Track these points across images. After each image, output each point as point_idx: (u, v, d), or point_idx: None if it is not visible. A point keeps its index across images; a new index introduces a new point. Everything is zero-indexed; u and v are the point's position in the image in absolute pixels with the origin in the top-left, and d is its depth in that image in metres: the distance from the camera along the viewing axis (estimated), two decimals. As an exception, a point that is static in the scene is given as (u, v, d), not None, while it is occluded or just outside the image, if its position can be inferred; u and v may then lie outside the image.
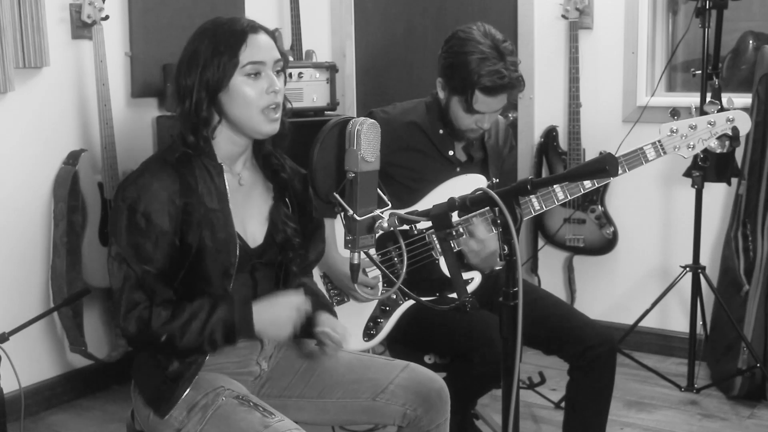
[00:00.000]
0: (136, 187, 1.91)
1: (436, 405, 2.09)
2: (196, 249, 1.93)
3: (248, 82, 1.94)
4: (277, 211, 2.08)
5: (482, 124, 2.56)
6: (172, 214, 1.91)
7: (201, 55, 1.93)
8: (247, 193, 2.05)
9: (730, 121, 2.49)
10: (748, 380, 3.45)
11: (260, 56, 1.95)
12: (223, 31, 1.95)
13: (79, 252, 3.38)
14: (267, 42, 1.98)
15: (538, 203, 2.50)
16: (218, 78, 1.92)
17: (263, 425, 1.87)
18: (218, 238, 1.94)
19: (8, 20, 3.17)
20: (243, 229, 2.01)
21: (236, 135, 2.00)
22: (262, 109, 1.95)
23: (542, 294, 2.74)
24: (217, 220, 1.95)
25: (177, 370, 1.95)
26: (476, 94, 2.48)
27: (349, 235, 1.78)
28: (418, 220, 1.76)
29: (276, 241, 2.06)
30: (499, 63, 2.46)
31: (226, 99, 1.94)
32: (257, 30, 1.97)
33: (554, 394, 3.40)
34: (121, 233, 1.90)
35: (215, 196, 1.96)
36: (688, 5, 3.89)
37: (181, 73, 1.96)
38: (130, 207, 1.90)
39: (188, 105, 1.94)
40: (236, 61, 1.92)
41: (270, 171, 2.10)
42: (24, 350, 3.21)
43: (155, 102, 3.83)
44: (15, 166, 3.36)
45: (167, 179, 1.92)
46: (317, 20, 4.51)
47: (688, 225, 3.59)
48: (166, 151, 1.99)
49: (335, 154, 1.85)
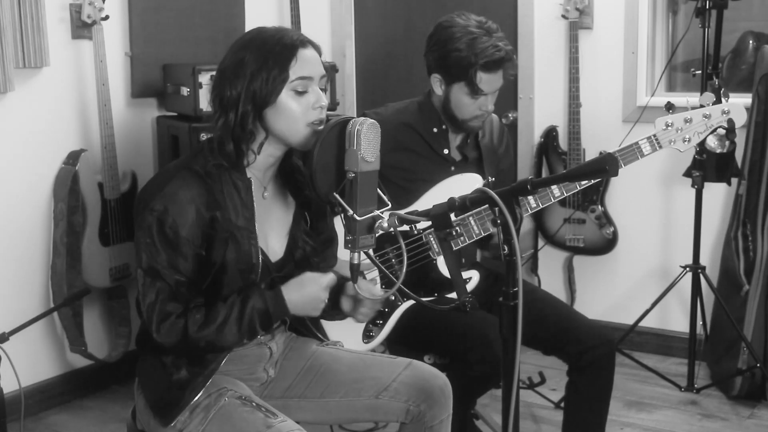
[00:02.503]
0: (162, 197, 1.87)
1: (439, 401, 2.09)
2: (220, 264, 1.92)
3: (295, 97, 1.91)
4: (297, 228, 2.08)
5: (486, 107, 2.57)
6: (200, 226, 1.89)
7: (248, 66, 1.89)
8: (269, 207, 2.04)
9: (725, 113, 2.45)
10: (748, 380, 3.45)
11: (308, 71, 1.93)
12: (272, 44, 1.91)
13: (79, 252, 3.38)
14: (314, 57, 1.95)
15: (534, 201, 2.50)
16: (266, 92, 1.89)
17: (266, 426, 1.87)
18: (243, 253, 1.94)
19: (8, 20, 3.17)
20: (265, 243, 2.00)
21: (275, 147, 1.97)
22: (308, 123, 1.93)
23: (541, 294, 2.74)
24: (242, 237, 1.93)
25: (184, 378, 1.94)
26: (479, 73, 2.51)
27: (349, 235, 1.79)
28: (418, 220, 1.76)
29: (294, 256, 2.06)
30: (490, 39, 2.51)
31: (272, 113, 1.92)
32: (306, 44, 1.94)
33: (554, 394, 3.40)
34: (151, 246, 1.87)
35: (241, 213, 1.94)
36: (688, 5, 3.89)
37: (225, 83, 1.92)
38: (158, 220, 1.86)
39: (233, 117, 1.91)
40: (286, 76, 1.90)
41: (293, 186, 2.09)
42: (24, 350, 3.21)
43: (155, 102, 3.83)
44: (15, 166, 3.36)
45: (195, 190, 1.89)
46: (317, 20, 4.50)
47: (688, 225, 3.59)
48: (194, 160, 1.94)
49: (335, 154, 1.84)
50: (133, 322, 3.61)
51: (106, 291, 3.57)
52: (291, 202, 2.10)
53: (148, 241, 1.88)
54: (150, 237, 1.87)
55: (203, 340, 1.89)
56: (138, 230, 1.91)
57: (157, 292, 1.88)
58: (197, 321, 1.89)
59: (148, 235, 1.88)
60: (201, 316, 1.89)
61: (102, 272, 3.44)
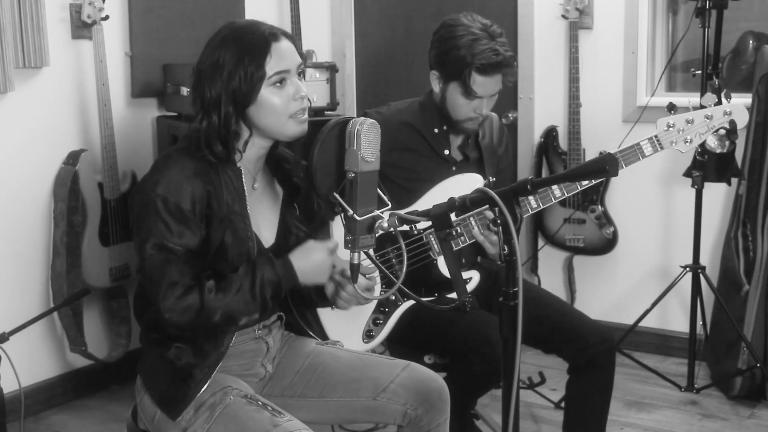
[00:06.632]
0: (162, 178, 1.89)
1: (436, 404, 2.09)
2: (217, 246, 1.94)
3: (275, 91, 1.94)
4: (289, 216, 2.12)
5: (481, 111, 2.57)
6: (200, 203, 1.91)
7: (224, 66, 1.91)
8: (259, 197, 2.07)
9: (727, 114, 2.45)
10: (748, 380, 3.45)
11: (285, 65, 1.94)
12: (245, 41, 1.93)
13: (79, 252, 3.38)
14: (289, 48, 1.97)
15: (535, 201, 2.50)
16: (246, 91, 1.91)
17: (273, 424, 1.86)
18: (239, 238, 1.96)
19: (8, 20, 3.17)
20: (258, 231, 2.03)
21: (262, 140, 2.01)
22: (290, 115, 1.96)
23: (541, 293, 2.74)
24: (238, 222, 1.96)
25: (187, 367, 1.94)
26: (473, 75, 2.50)
27: (349, 235, 1.79)
28: (418, 220, 1.76)
29: (288, 243, 2.08)
30: (491, 42, 2.50)
31: (255, 111, 1.95)
32: (279, 37, 1.96)
33: (554, 394, 3.40)
34: (157, 223, 1.88)
35: (235, 198, 1.97)
36: (688, 5, 3.89)
37: (204, 83, 1.94)
38: (163, 198, 1.88)
39: (216, 119, 1.93)
40: (263, 73, 1.92)
41: (281, 175, 2.12)
42: (24, 350, 3.21)
43: (155, 102, 3.83)
44: (15, 166, 3.36)
45: (192, 170, 1.91)
46: (317, 20, 4.51)
47: (688, 225, 3.59)
48: (188, 148, 1.96)
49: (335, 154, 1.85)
50: (133, 321, 3.61)
51: (106, 291, 3.57)
52: (279, 191, 2.13)
53: (155, 220, 1.88)
54: (156, 215, 1.88)
55: (219, 311, 1.88)
56: (141, 212, 1.91)
57: (164, 262, 1.87)
58: (211, 288, 1.89)
59: (153, 213, 1.88)
60: (213, 284, 1.90)
61: (102, 272, 3.44)
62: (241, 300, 1.91)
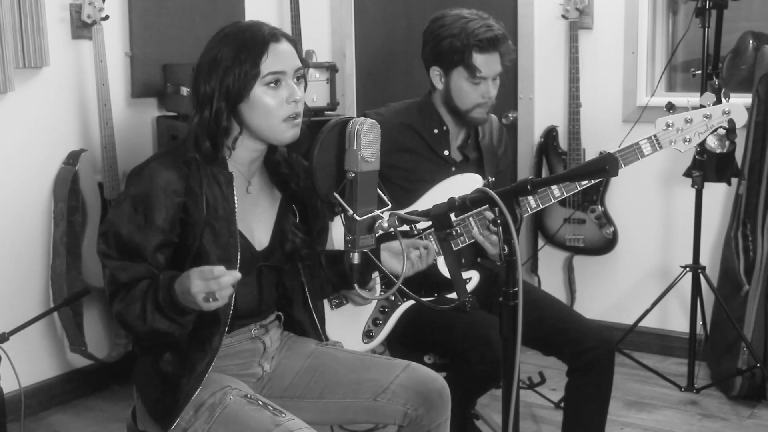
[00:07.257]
0: (141, 179, 1.90)
1: (437, 405, 2.09)
2: (195, 251, 1.93)
3: (268, 92, 1.93)
4: (285, 220, 2.10)
5: (489, 94, 2.58)
6: (173, 211, 1.90)
7: (221, 62, 1.92)
8: (254, 200, 2.06)
9: (726, 114, 2.44)
10: (748, 380, 3.45)
11: (281, 66, 1.94)
12: (244, 39, 1.93)
13: (79, 252, 3.38)
14: (288, 50, 1.97)
15: (534, 201, 2.50)
16: (239, 87, 1.91)
17: (274, 424, 1.86)
18: (221, 243, 1.94)
19: (8, 20, 3.17)
20: (250, 234, 2.02)
21: (254, 142, 2.00)
22: (283, 118, 1.95)
23: (541, 295, 2.74)
24: (220, 228, 1.94)
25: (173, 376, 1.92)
26: (473, 54, 2.52)
27: (349, 235, 1.78)
28: (418, 220, 1.76)
29: (284, 249, 2.08)
30: (483, 20, 2.56)
31: (246, 109, 1.94)
32: (278, 38, 1.96)
33: (554, 394, 3.40)
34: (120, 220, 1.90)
35: (221, 204, 1.95)
36: (688, 5, 3.89)
37: (200, 79, 1.94)
38: (133, 199, 1.89)
39: (207, 113, 1.93)
40: (257, 72, 1.91)
41: (279, 180, 2.11)
42: (24, 350, 3.21)
43: (155, 102, 3.83)
44: (15, 166, 3.36)
45: (171, 176, 1.91)
46: (317, 20, 4.51)
47: (688, 225, 3.59)
48: (180, 148, 1.97)
49: (335, 154, 1.84)
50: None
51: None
52: (277, 195, 2.12)
53: (120, 216, 1.90)
54: (120, 209, 1.90)
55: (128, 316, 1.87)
56: (115, 202, 1.95)
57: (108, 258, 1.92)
58: (122, 297, 1.89)
59: (119, 207, 1.90)
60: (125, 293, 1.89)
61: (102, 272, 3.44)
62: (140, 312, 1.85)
